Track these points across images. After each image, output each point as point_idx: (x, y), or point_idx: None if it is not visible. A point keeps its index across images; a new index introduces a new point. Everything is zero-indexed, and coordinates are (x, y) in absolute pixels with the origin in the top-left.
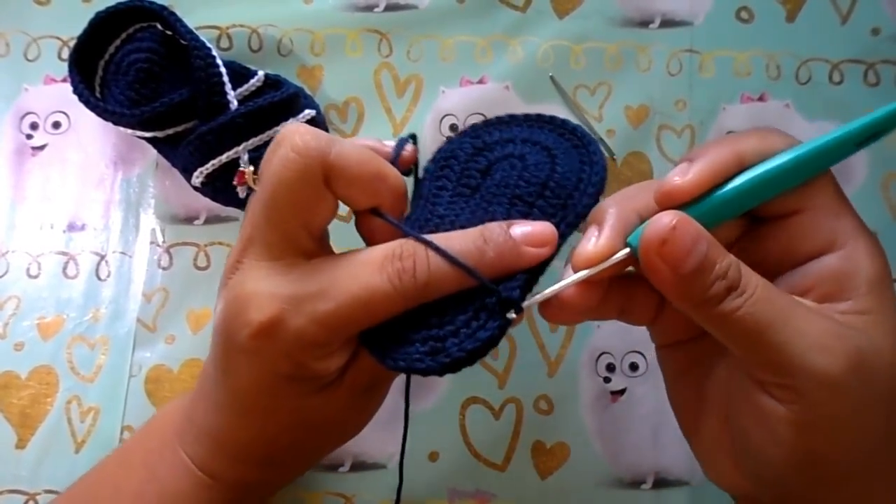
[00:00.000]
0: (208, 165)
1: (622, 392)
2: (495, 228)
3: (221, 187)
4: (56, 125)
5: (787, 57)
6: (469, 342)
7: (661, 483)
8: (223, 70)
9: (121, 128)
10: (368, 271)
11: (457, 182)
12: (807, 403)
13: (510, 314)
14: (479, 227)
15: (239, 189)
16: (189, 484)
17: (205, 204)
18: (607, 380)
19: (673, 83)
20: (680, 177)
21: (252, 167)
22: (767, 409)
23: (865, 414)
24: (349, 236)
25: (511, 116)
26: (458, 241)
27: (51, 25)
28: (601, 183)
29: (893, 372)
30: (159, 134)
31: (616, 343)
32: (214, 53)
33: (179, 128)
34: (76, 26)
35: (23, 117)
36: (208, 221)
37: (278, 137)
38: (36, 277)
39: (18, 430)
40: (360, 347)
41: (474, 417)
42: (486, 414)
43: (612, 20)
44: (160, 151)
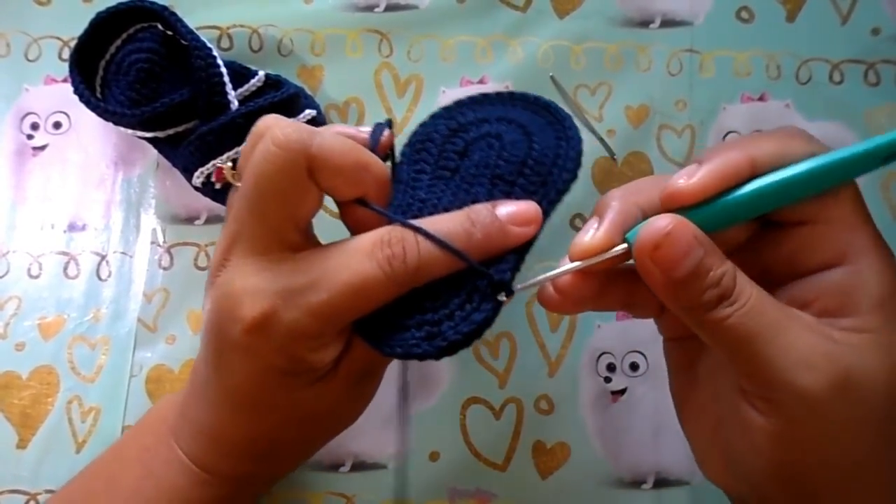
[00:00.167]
0: (209, 165)
1: (623, 392)
2: (481, 210)
3: (222, 187)
4: (57, 125)
5: (788, 57)
6: (465, 325)
7: (662, 483)
8: (224, 70)
9: (121, 128)
10: (358, 259)
11: (435, 165)
12: (786, 418)
13: (501, 296)
14: (465, 210)
15: (217, 186)
16: (185, 480)
17: (205, 204)
18: (608, 380)
19: (673, 83)
20: (685, 179)
21: (230, 163)
22: (749, 419)
23: (848, 433)
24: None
25: (483, 95)
26: (446, 225)
27: (51, 26)
28: (578, 158)
29: (886, 393)
30: (160, 134)
31: (616, 343)
32: (215, 53)
33: (180, 128)
34: (77, 26)
35: (23, 117)
36: (209, 221)
37: (256, 131)
38: (37, 278)
39: (19, 430)
40: (353, 337)
41: (475, 417)
42: (487, 414)
43: (613, 20)
44: (161, 151)
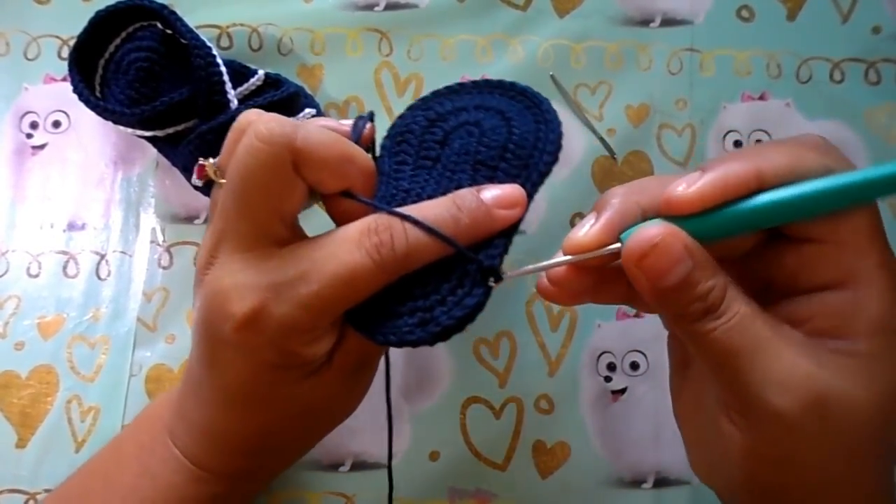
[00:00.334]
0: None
1: (623, 391)
2: (466, 195)
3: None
4: (56, 124)
5: (788, 56)
6: (458, 309)
7: (662, 482)
8: (223, 69)
9: (121, 127)
10: (346, 249)
11: (416, 155)
12: (758, 436)
13: (491, 282)
14: (451, 195)
15: (200, 183)
16: (182, 477)
17: (205, 203)
18: (608, 379)
19: (673, 82)
20: (685, 186)
21: (212, 159)
22: (725, 430)
23: (821, 454)
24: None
25: (460, 85)
26: (432, 211)
27: (51, 24)
28: (558, 140)
29: (867, 420)
30: (159, 133)
31: (617, 342)
32: (215, 52)
33: (180, 127)
34: (76, 25)
35: (23, 116)
36: (209, 220)
37: (238, 126)
38: (36, 277)
39: (19, 430)
40: (346, 328)
41: (475, 417)
42: (487, 413)
43: (613, 19)
44: (160, 150)
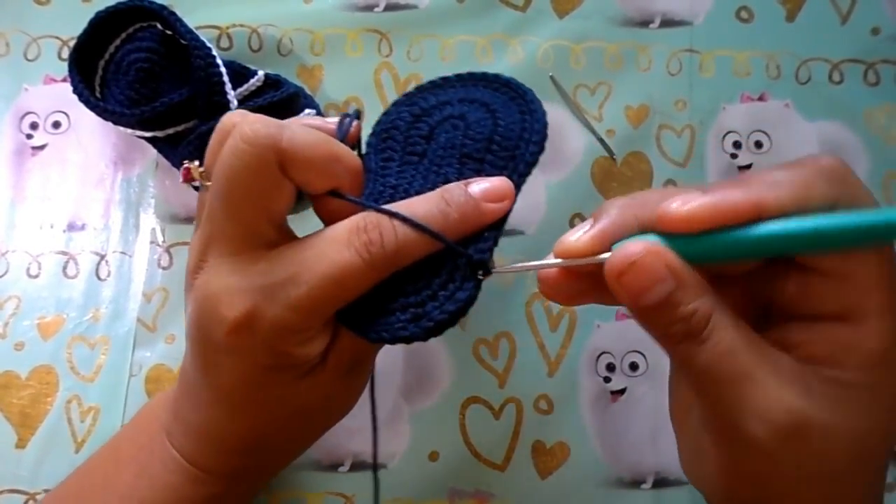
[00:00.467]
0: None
1: (622, 392)
2: (455, 189)
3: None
4: (56, 125)
5: (787, 56)
6: (450, 304)
7: (662, 483)
8: (223, 70)
9: (121, 127)
10: (336, 249)
11: (402, 151)
12: (734, 458)
13: (480, 275)
14: (439, 190)
15: (188, 186)
16: (180, 478)
17: None
18: (607, 379)
19: (673, 83)
20: (679, 205)
21: (196, 162)
22: (705, 445)
23: (798, 481)
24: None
25: (443, 79)
26: (421, 207)
27: (51, 25)
28: (544, 129)
29: (853, 452)
30: (159, 133)
31: (616, 343)
32: (214, 53)
33: (179, 127)
34: (76, 26)
35: (23, 117)
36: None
37: (222, 127)
38: (36, 277)
39: (18, 430)
40: (339, 328)
41: (474, 417)
42: (486, 414)
43: (612, 20)
44: (160, 151)
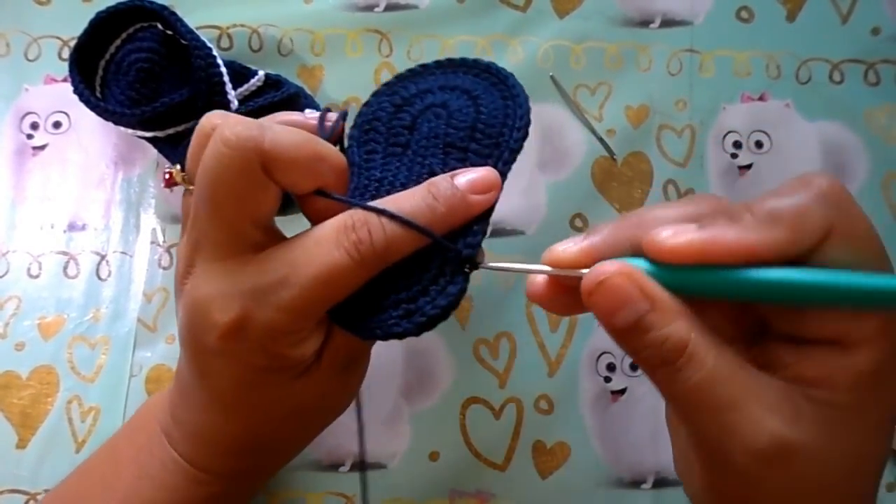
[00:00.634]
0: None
1: (622, 392)
2: (441, 182)
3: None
4: (56, 125)
5: (788, 56)
6: (442, 298)
7: (662, 483)
8: (224, 70)
9: (121, 128)
10: (325, 249)
11: (386, 143)
12: (718, 479)
13: (467, 268)
14: (426, 184)
15: (171, 191)
16: (181, 479)
17: None
18: (608, 379)
19: (673, 83)
20: (667, 235)
21: (178, 165)
22: (689, 458)
23: (779, 500)
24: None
25: (423, 66)
26: (408, 202)
27: (51, 25)
28: (527, 114)
29: (835, 471)
30: (160, 134)
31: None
32: (215, 53)
33: (180, 127)
34: (76, 26)
35: (23, 117)
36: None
37: (201, 130)
38: (36, 277)
39: (19, 430)
40: (333, 326)
41: (475, 417)
42: (487, 414)
43: (613, 20)
44: (161, 151)
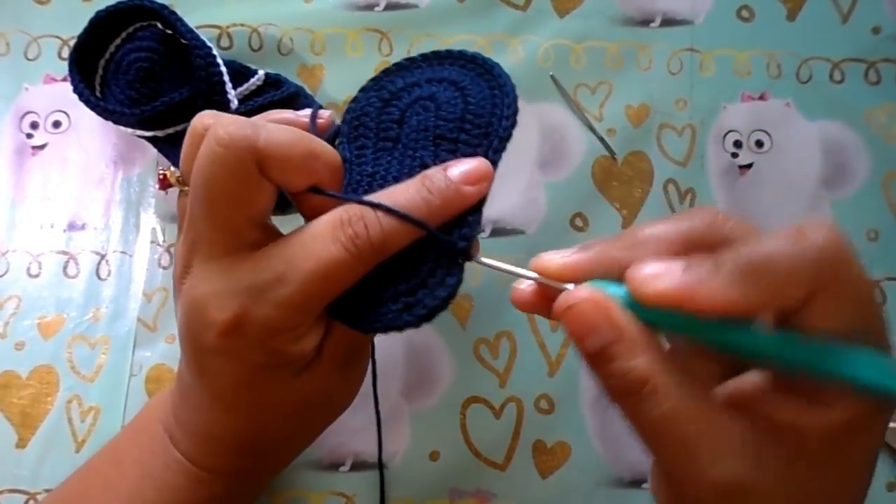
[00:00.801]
0: None
1: None
2: (435, 175)
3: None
4: (56, 124)
5: (788, 56)
6: (441, 289)
7: None
8: (223, 69)
9: (121, 127)
10: (321, 245)
11: (376, 138)
12: (676, 496)
13: (461, 261)
14: (420, 177)
15: (165, 193)
16: (184, 479)
17: None
18: None
19: (673, 82)
20: (648, 275)
21: (172, 167)
22: (660, 476)
23: None
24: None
25: (409, 60)
26: (403, 196)
27: (51, 25)
28: (514, 103)
29: None
30: (160, 133)
31: None
32: (215, 52)
33: (180, 127)
34: (76, 25)
35: (23, 116)
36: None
37: (194, 131)
38: (36, 277)
39: (19, 430)
40: (332, 322)
41: (475, 417)
42: (487, 413)
43: (613, 19)
44: (160, 150)
